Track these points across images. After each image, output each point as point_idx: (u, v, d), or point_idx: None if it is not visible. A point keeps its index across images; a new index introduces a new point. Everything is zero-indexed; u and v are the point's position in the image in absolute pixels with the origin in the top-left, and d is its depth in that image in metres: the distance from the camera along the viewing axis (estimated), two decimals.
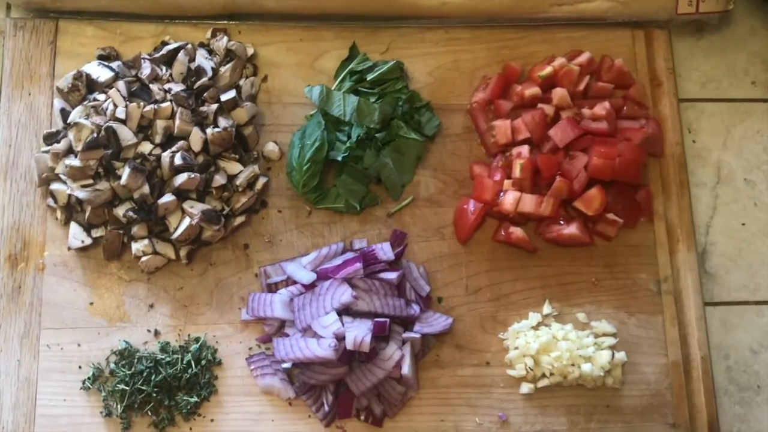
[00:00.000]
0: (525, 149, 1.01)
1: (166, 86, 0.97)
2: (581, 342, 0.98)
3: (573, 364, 0.97)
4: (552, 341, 0.97)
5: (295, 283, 0.97)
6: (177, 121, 0.94)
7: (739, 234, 1.09)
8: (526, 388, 0.98)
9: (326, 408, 0.94)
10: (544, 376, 0.98)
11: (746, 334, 1.05)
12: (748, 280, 1.07)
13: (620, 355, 0.99)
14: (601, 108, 1.03)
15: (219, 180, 0.95)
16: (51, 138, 0.97)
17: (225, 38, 1.03)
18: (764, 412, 1.03)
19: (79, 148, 0.92)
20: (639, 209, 1.04)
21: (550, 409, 0.98)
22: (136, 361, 0.93)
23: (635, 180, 1.03)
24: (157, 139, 0.94)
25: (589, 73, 1.07)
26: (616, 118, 1.05)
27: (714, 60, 1.16)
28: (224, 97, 0.98)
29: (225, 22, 1.07)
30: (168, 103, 0.95)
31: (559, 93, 1.03)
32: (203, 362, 0.94)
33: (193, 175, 0.93)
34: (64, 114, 0.98)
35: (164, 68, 0.99)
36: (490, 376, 0.98)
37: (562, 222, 1.01)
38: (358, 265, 0.94)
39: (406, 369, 0.93)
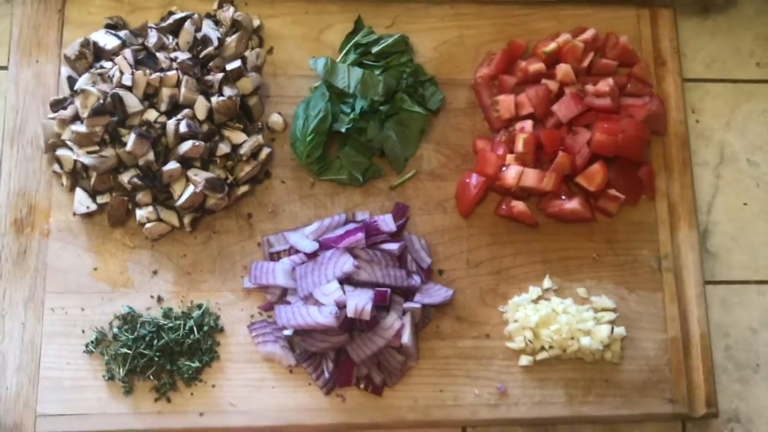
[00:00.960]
0: (528, 124, 1.02)
1: (173, 55, 0.97)
2: (581, 316, 0.98)
3: (572, 338, 0.97)
4: (552, 315, 0.98)
5: (297, 252, 0.98)
6: (182, 90, 0.95)
7: (741, 214, 1.09)
8: (525, 360, 0.98)
9: (326, 375, 0.95)
10: (543, 349, 0.98)
11: (746, 313, 1.06)
12: (749, 260, 1.07)
13: (619, 330, 0.99)
14: (605, 84, 1.03)
15: (223, 149, 0.96)
16: (58, 105, 0.98)
17: (231, 9, 1.03)
18: (762, 391, 1.03)
19: (85, 114, 0.93)
20: (641, 186, 1.05)
21: (548, 382, 0.98)
22: (138, 326, 0.94)
23: (637, 156, 1.03)
24: (163, 107, 0.95)
25: (593, 50, 1.07)
26: (620, 95, 1.05)
27: (719, 40, 1.16)
28: (230, 67, 0.98)
29: None
30: (174, 72, 0.95)
31: (563, 69, 1.03)
32: (205, 328, 0.95)
33: (197, 143, 0.94)
34: (71, 81, 0.99)
35: (170, 37, 1.00)
36: (489, 348, 0.99)
37: (563, 197, 1.02)
38: (360, 235, 0.95)
39: (406, 338, 0.94)
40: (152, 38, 0.98)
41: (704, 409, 0.99)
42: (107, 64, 0.97)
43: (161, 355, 0.93)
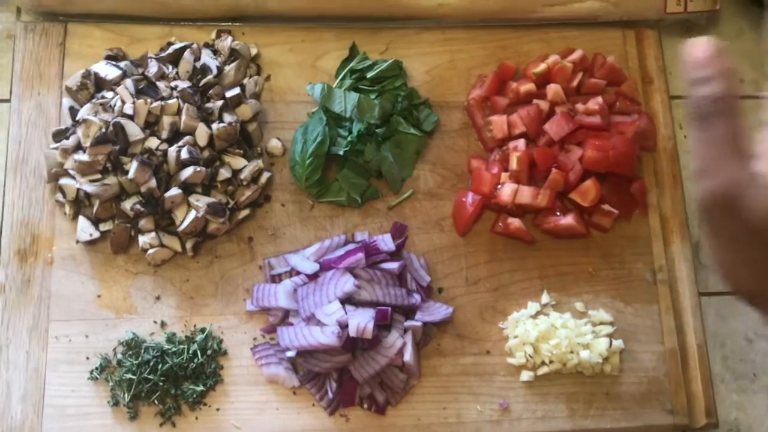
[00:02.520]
0: (521, 143, 1.04)
1: (173, 84, 0.99)
2: (579, 330, 1.00)
3: (572, 352, 0.99)
4: (551, 329, 0.99)
5: (298, 273, 0.99)
6: (183, 117, 0.97)
7: None
8: (526, 375, 0.99)
9: (330, 396, 0.96)
10: (543, 363, 1.00)
11: (741, 323, 1.07)
12: None
13: (618, 343, 1.01)
14: (595, 103, 1.06)
15: (224, 174, 0.98)
16: (60, 135, 1.00)
17: (229, 38, 1.06)
18: (761, 400, 1.05)
19: (87, 144, 0.95)
20: (633, 201, 1.07)
21: (550, 397, 0.99)
22: (142, 351, 0.95)
23: (629, 172, 1.06)
24: (164, 135, 0.97)
25: (582, 70, 1.10)
26: (609, 113, 1.08)
27: None
28: (229, 94, 1.01)
29: (229, 23, 1.10)
30: (174, 100, 0.97)
31: (553, 89, 1.06)
32: (209, 352, 0.96)
33: (198, 169, 0.96)
34: (73, 112, 1.01)
35: (170, 67, 1.02)
36: (490, 365, 1.00)
37: (558, 213, 1.04)
38: (360, 255, 0.96)
39: (408, 356, 0.95)
40: (152, 68, 1.00)
41: (704, 420, 1.00)
42: (108, 94, 0.99)
43: (166, 380, 0.94)
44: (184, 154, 0.96)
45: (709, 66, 0.54)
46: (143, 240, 0.97)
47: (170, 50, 1.03)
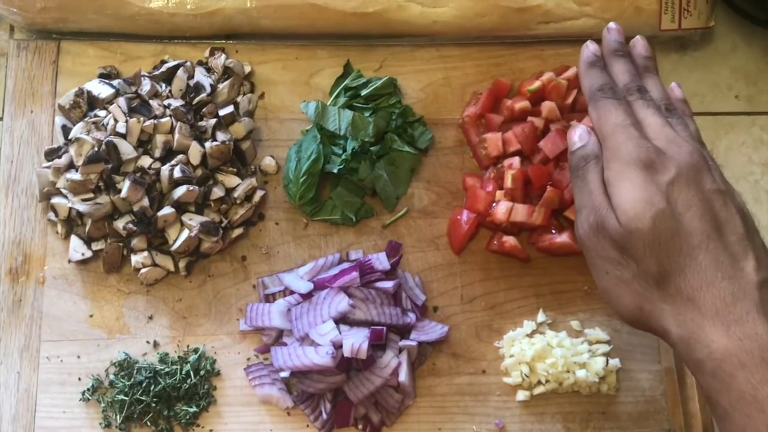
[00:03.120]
0: (516, 160, 1.04)
1: (166, 102, 0.99)
2: (575, 349, 0.99)
3: (568, 371, 0.98)
4: (547, 348, 0.98)
5: (292, 293, 0.98)
6: (176, 136, 0.97)
7: None
8: (522, 395, 0.99)
9: (324, 417, 0.95)
10: (539, 383, 0.99)
11: None
12: None
13: (614, 362, 1.00)
14: (589, 120, 1.05)
15: (217, 192, 0.98)
16: (52, 154, 0.99)
17: (223, 56, 1.06)
18: None
19: (80, 162, 0.95)
20: None
21: (546, 416, 0.99)
22: (135, 371, 0.94)
23: None
24: (157, 153, 0.96)
25: (576, 87, 1.10)
26: None
27: (697, 75, 1.19)
28: (222, 112, 1.00)
29: (222, 41, 1.10)
30: (167, 118, 0.97)
31: (548, 106, 1.06)
32: (202, 372, 0.95)
33: (192, 188, 0.95)
34: (65, 130, 1.00)
35: (163, 85, 1.02)
36: (486, 384, 0.99)
37: (554, 231, 1.03)
38: (355, 274, 0.96)
39: (403, 376, 0.94)
40: (145, 86, 1.00)
41: None
42: (101, 113, 0.99)
43: (158, 401, 0.93)
44: (177, 173, 0.95)
45: (583, 139, 0.83)
46: (136, 259, 0.97)
47: (163, 68, 1.03)
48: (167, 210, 0.95)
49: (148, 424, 0.92)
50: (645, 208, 0.72)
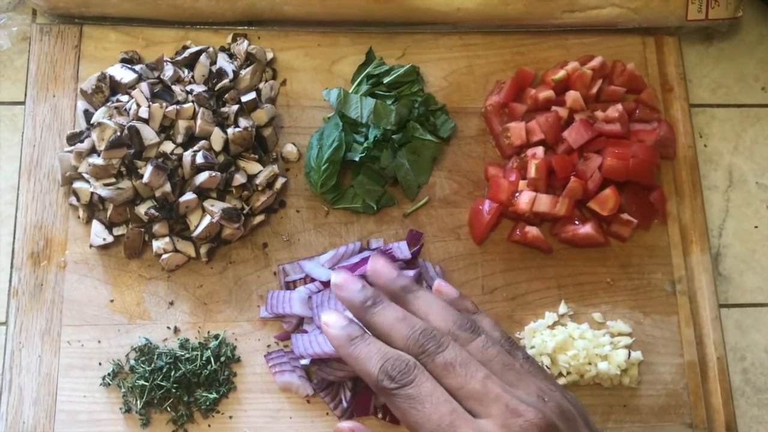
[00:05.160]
0: (540, 150, 1.03)
1: (188, 87, 0.99)
2: (597, 341, 0.98)
3: (590, 363, 0.97)
4: (568, 340, 0.98)
5: (313, 280, 0.98)
6: (198, 121, 0.96)
7: (752, 236, 1.10)
8: None
9: (344, 405, 0.94)
10: (561, 375, 0.98)
11: (762, 335, 1.06)
12: (763, 283, 1.08)
13: (636, 355, 0.99)
14: (614, 110, 1.04)
15: (239, 179, 0.97)
16: (74, 138, 0.99)
17: (245, 42, 1.05)
18: None
19: (102, 147, 0.94)
20: (653, 210, 1.05)
21: None
22: (155, 357, 0.94)
23: (648, 181, 1.04)
24: (179, 139, 0.96)
25: (601, 77, 1.09)
26: (629, 120, 1.07)
27: (724, 67, 1.18)
28: (245, 99, 1.00)
29: (245, 27, 1.09)
30: (190, 104, 0.97)
31: (572, 96, 1.05)
32: (222, 359, 0.95)
33: (214, 174, 0.95)
34: (88, 115, 1.00)
35: (186, 71, 1.01)
36: None
37: (577, 222, 1.02)
38: None
39: None
40: (168, 71, 1.00)
41: None
42: (123, 98, 0.98)
43: (178, 387, 0.92)
44: (199, 159, 0.95)
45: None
46: (157, 245, 0.96)
47: (186, 54, 1.02)
48: (189, 196, 0.95)
49: (168, 409, 0.92)
50: None
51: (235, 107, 0.99)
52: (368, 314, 0.65)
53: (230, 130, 0.97)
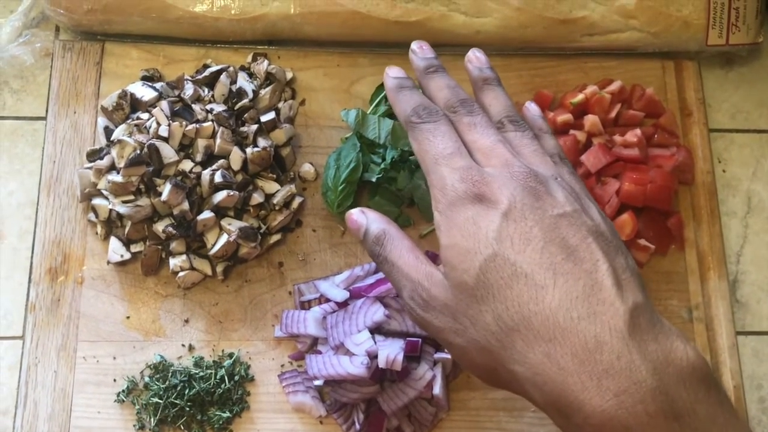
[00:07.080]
0: None
1: (208, 106, 0.99)
2: None
3: None
4: None
5: (328, 300, 0.98)
6: (218, 140, 0.97)
7: None
8: None
9: (357, 427, 0.94)
10: None
11: None
12: None
13: None
14: (633, 135, 1.04)
15: (257, 198, 0.97)
16: (94, 155, 1.00)
17: (265, 62, 1.06)
18: None
19: (121, 164, 0.95)
20: (670, 236, 1.05)
21: None
22: (170, 374, 0.94)
23: (666, 206, 1.03)
24: (198, 158, 0.97)
25: (620, 101, 1.08)
26: (647, 145, 1.06)
27: (743, 92, 1.17)
28: (264, 119, 1.00)
29: (265, 47, 1.10)
30: (209, 123, 0.97)
31: (590, 120, 1.05)
32: (236, 378, 0.95)
33: (232, 193, 0.95)
34: (108, 132, 1.01)
35: (206, 89, 1.02)
36: (521, 400, 0.96)
37: None
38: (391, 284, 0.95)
39: (437, 389, 0.93)
40: (188, 90, 1.00)
41: None
42: (144, 115, 0.99)
43: (192, 405, 0.93)
44: (218, 178, 0.95)
45: (357, 225, 0.74)
46: (174, 262, 0.97)
47: (206, 72, 1.03)
48: (207, 214, 0.95)
49: (182, 427, 0.93)
50: (472, 257, 0.60)
51: (255, 127, 0.99)
52: (426, 77, 0.76)
53: (249, 150, 0.98)
